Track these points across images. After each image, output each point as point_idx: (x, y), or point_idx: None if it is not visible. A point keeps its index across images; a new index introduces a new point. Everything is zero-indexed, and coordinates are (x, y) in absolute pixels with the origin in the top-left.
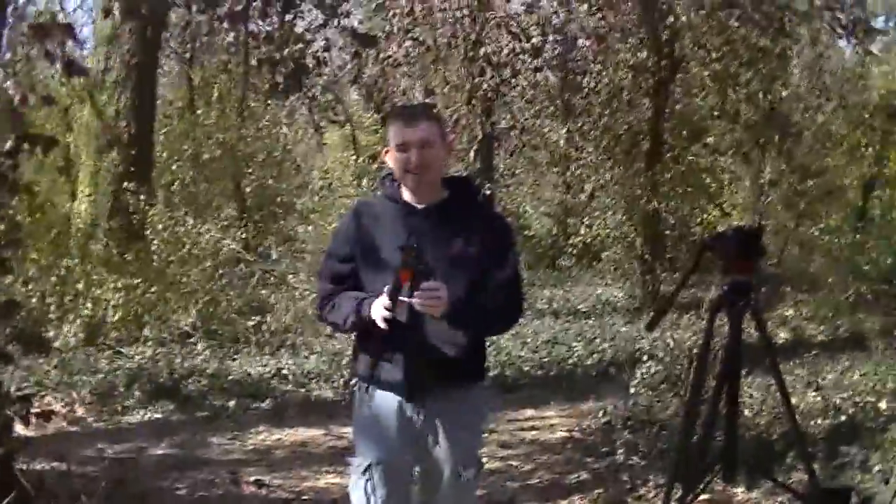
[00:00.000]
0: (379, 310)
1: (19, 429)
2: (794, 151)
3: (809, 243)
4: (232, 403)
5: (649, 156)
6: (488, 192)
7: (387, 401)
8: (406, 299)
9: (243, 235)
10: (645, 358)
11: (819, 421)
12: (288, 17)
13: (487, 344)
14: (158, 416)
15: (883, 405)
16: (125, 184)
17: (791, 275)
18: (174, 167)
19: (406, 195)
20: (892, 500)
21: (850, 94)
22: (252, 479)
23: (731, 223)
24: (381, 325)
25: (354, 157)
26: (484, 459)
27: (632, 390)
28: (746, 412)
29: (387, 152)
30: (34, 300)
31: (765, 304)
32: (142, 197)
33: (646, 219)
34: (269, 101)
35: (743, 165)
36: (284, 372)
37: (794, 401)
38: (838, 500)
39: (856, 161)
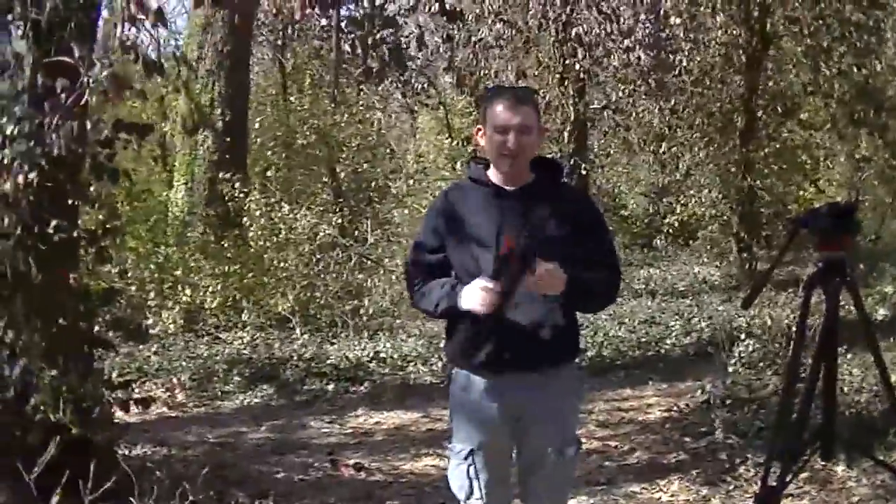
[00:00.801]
0: (476, 298)
1: (120, 414)
2: (889, 126)
3: None
4: (330, 387)
5: (743, 133)
6: (584, 173)
7: (484, 384)
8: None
9: (339, 220)
10: (743, 336)
11: None
12: (379, 0)
13: (584, 324)
14: (257, 400)
15: None
16: (221, 172)
17: (890, 251)
18: (269, 154)
19: (494, 177)
20: None
21: None
22: (351, 461)
23: (826, 200)
24: (481, 310)
25: (448, 141)
26: (582, 440)
27: (730, 369)
28: (846, 390)
29: (480, 132)
30: (134, 288)
31: (863, 281)
32: (237, 184)
33: (741, 197)
34: (361, 86)
35: (838, 141)
36: (382, 355)
37: (894, 377)
38: None
39: None
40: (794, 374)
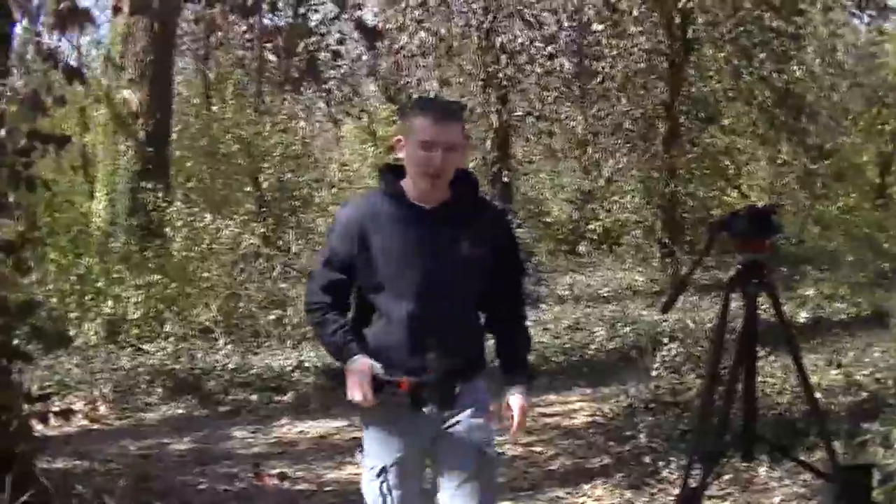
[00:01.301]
0: (355, 389)
1: (40, 428)
2: (808, 131)
3: (829, 222)
4: (254, 397)
5: (666, 139)
6: (506, 181)
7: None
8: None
9: (262, 230)
10: (666, 340)
11: (841, 398)
12: (301, 9)
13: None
14: (180, 411)
15: None
16: (143, 181)
17: (811, 254)
18: (191, 164)
19: (409, 191)
20: None
21: (864, 73)
22: (275, 471)
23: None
24: (357, 399)
25: (373, 149)
26: (507, 446)
27: (653, 373)
28: (768, 391)
29: (400, 142)
30: (54, 299)
31: (785, 284)
32: (160, 194)
33: (664, 202)
34: (285, 96)
35: (759, 146)
36: (306, 364)
37: (815, 379)
38: (859, 478)
39: (872, 139)
40: (713, 376)
